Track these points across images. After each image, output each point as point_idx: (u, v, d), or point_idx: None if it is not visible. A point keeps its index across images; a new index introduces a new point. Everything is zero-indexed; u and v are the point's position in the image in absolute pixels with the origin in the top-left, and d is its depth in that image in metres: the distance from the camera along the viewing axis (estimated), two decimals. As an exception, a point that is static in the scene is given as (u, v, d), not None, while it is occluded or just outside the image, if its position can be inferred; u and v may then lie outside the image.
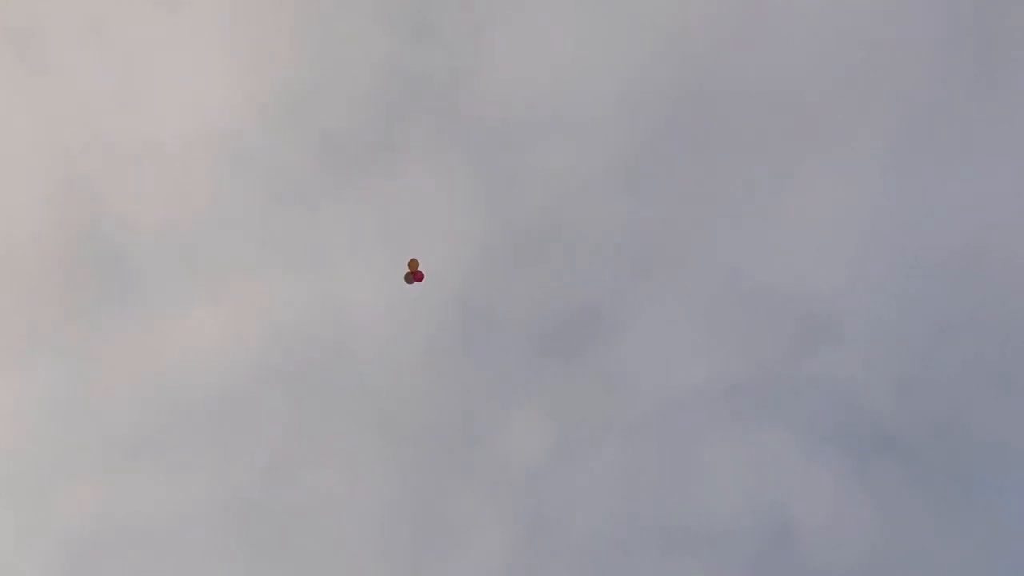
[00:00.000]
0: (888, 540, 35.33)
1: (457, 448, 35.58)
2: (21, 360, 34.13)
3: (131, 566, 33.59)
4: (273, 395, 34.90)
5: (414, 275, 31.31)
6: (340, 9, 35.34)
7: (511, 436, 35.69)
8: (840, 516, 35.81)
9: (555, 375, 36.10)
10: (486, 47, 36.14)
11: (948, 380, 36.33)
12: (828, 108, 37.21)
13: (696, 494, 35.94)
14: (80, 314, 34.45)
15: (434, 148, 35.97)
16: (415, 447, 35.39)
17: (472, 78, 36.00)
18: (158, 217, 34.87)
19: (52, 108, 34.48)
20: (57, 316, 34.37)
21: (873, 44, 37.19)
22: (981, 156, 36.98)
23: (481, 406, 35.74)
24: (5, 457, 33.59)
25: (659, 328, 36.45)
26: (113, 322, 34.62)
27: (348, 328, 35.58)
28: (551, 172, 36.28)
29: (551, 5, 36.03)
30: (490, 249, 36.20)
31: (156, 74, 34.85)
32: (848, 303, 37.03)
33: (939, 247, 36.85)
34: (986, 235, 36.69)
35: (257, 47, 35.14)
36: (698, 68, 36.37)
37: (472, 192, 36.03)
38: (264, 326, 35.14)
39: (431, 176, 35.98)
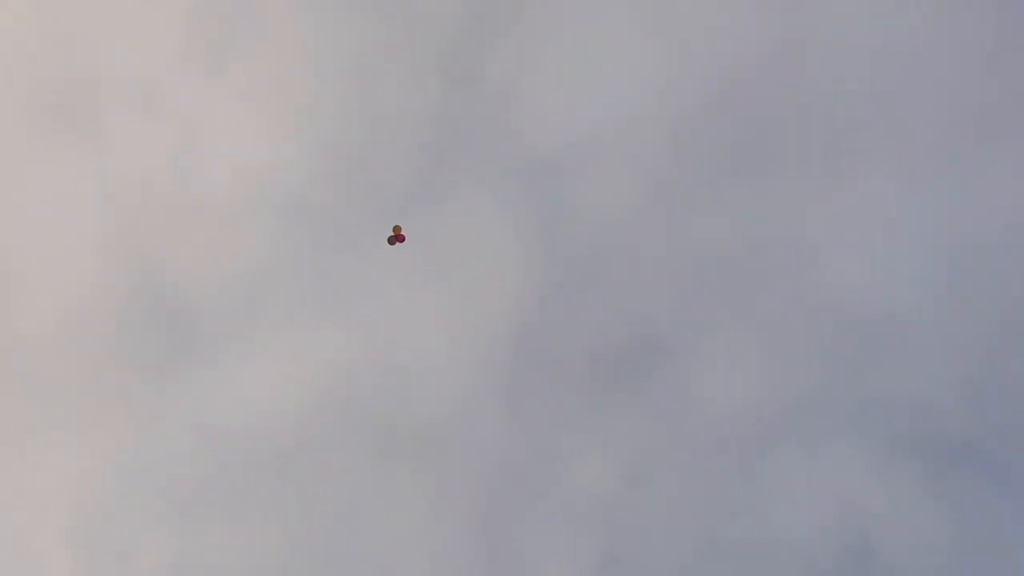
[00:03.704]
0: (968, 548, 34.40)
1: (523, 484, 35.44)
2: (89, 421, 34.77)
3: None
4: (336, 441, 35.14)
5: (397, 237, 32.39)
6: (380, 62, 36.34)
7: (577, 468, 35.50)
8: (919, 527, 34.98)
9: (617, 404, 35.97)
10: (525, 90, 36.87)
11: (1018, 382, 35.64)
12: (874, 120, 37.28)
13: (769, 515, 35.35)
14: (144, 373, 35.12)
15: (480, 190, 36.53)
16: (481, 486, 35.30)
17: (513, 120, 36.68)
18: (215, 274, 35.65)
19: (109, 176, 35.64)
20: (122, 376, 35.07)
21: (914, 54, 37.34)
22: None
23: (544, 440, 35.66)
24: (80, 516, 34.05)
25: (719, 350, 36.28)
26: (176, 379, 35.23)
27: (407, 371, 35.84)
28: (598, 204, 36.63)
29: (584, 43, 36.75)
30: (542, 284, 36.48)
31: (207, 137, 35.95)
32: (910, 312, 36.64)
33: (997, 251, 36.46)
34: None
35: (302, 104, 36.16)
36: (735, 91, 36.76)
37: (521, 230, 36.46)
38: (324, 374, 35.53)
39: (479, 218, 36.48)
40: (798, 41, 37.19)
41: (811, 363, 36.20)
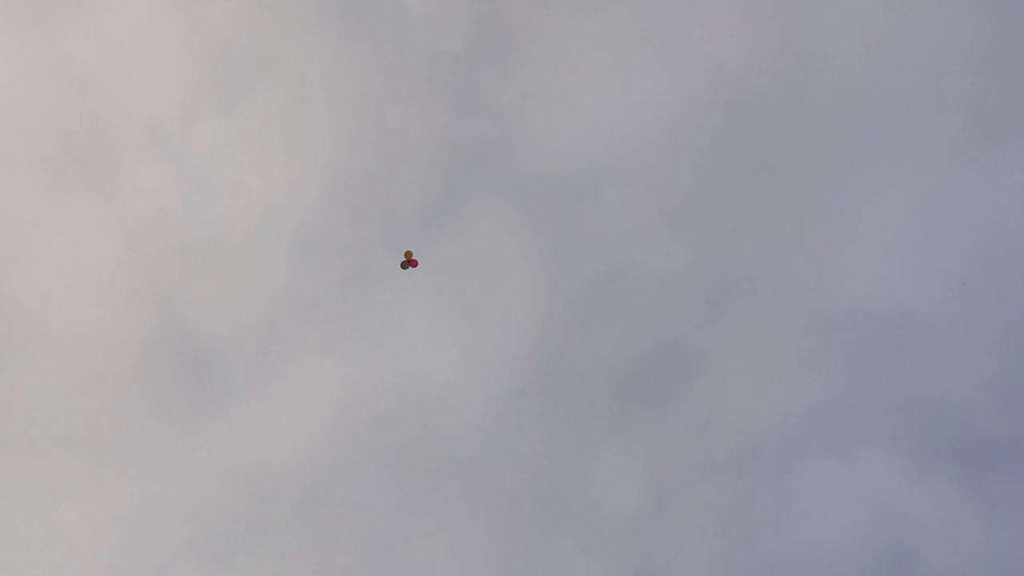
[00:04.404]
0: (1009, 549, 33.83)
1: (552, 504, 35.23)
2: (117, 465, 34.91)
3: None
4: (364, 470, 35.10)
5: (409, 262, 32.54)
6: (387, 92, 36.54)
7: (605, 487, 35.25)
8: (957, 530, 34.45)
9: (642, 421, 35.77)
10: (534, 112, 36.94)
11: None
12: (884, 124, 37.08)
13: (804, 526, 34.93)
14: (169, 413, 35.27)
15: (494, 214, 36.57)
16: (510, 508, 35.12)
17: (523, 142, 36.75)
18: (235, 311, 35.83)
19: (127, 221, 35.94)
20: (147, 418, 35.22)
21: (923, 55, 37.17)
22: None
23: (571, 460, 35.47)
24: (113, 561, 34.11)
25: (742, 363, 36.03)
26: (202, 418, 35.35)
27: (430, 397, 35.81)
28: (612, 223, 36.58)
29: (589, 64, 36.81)
30: (561, 305, 36.39)
31: (220, 177, 36.21)
32: (932, 315, 36.26)
33: (1016, 247, 36.07)
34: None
35: (311, 138, 36.40)
36: (743, 103, 36.68)
37: (536, 251, 36.45)
38: (348, 404, 35.56)
39: (494, 241, 36.51)
40: (804, 50, 37.11)
41: (836, 371, 35.87)
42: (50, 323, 35.58)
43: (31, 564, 33.64)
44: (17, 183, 35.50)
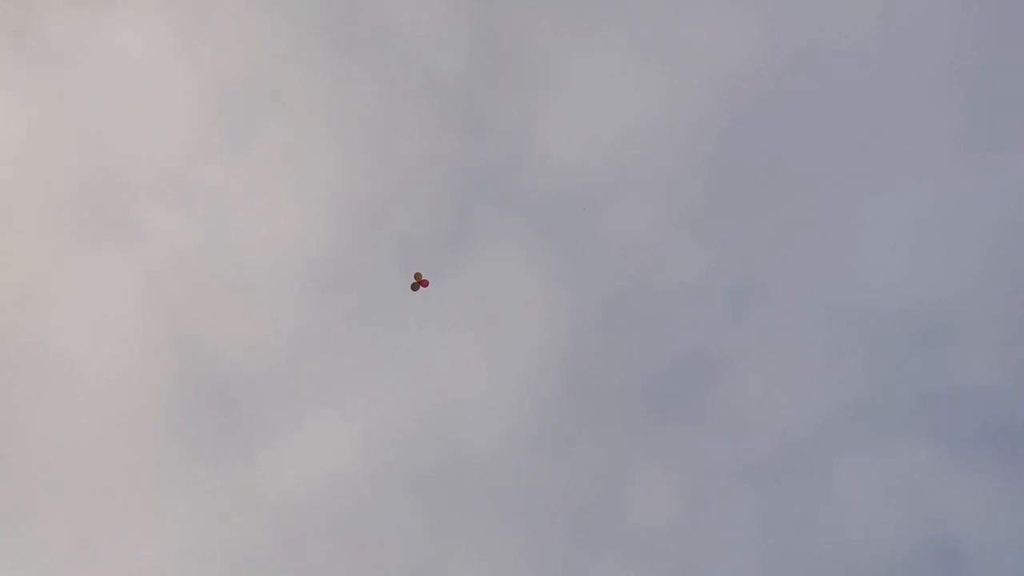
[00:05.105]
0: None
1: (591, 520, 34.99)
2: (153, 510, 35.19)
3: None
4: (398, 499, 35.10)
5: (420, 283, 32.56)
6: (393, 120, 36.74)
7: (639, 497, 34.96)
8: (1001, 520, 33.75)
9: (671, 430, 35.47)
10: (539, 129, 36.95)
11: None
12: (895, 117, 36.65)
13: (845, 525, 34.40)
14: (202, 453, 35.53)
15: (508, 233, 36.58)
16: (547, 526, 34.92)
17: (531, 160, 36.75)
18: (259, 348, 36.07)
19: (148, 267, 36.37)
20: (181, 461, 35.51)
21: (931, 53, 36.76)
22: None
23: (605, 474, 35.23)
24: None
25: (769, 364, 35.64)
26: (234, 456, 35.57)
27: (458, 420, 35.78)
28: (625, 234, 36.41)
29: (591, 76, 36.77)
30: (584, 319, 36.26)
31: (236, 216, 36.56)
32: (963, 305, 35.66)
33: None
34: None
35: (323, 171, 36.67)
36: (747, 105, 36.45)
37: (552, 268, 36.37)
38: (377, 434, 35.63)
39: (511, 260, 36.50)
40: (806, 49, 36.80)
41: (866, 366, 35.37)
42: (80, 374, 36.04)
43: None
44: (39, 238, 36.08)
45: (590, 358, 36.01)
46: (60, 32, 35.84)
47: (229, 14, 37.03)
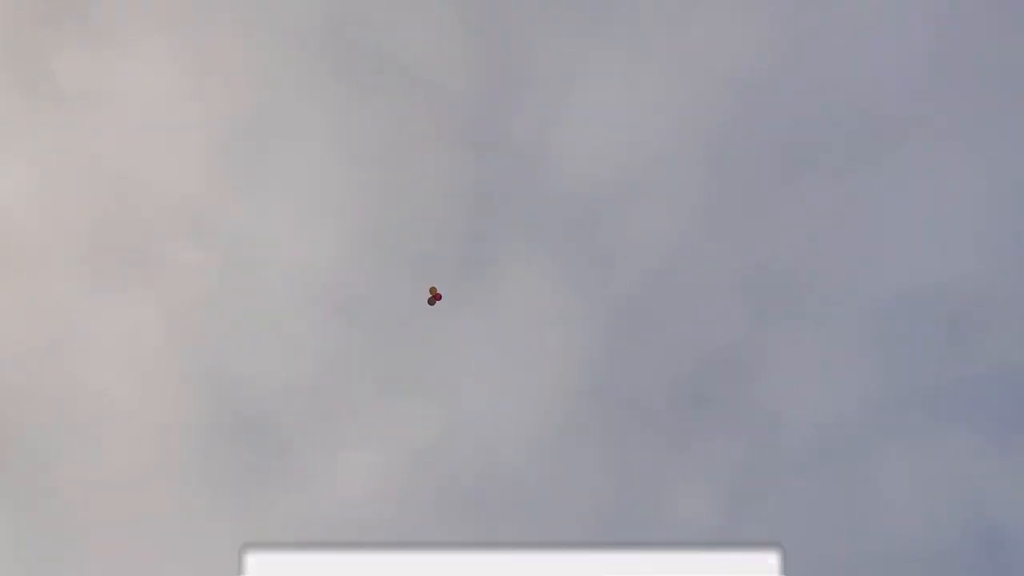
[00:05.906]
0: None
1: (630, 528, 34.37)
2: (191, 545, 34.89)
3: None
4: (431, 517, 34.65)
5: (435, 296, 32.32)
6: (404, 142, 36.81)
7: (681, 504, 34.37)
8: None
9: (705, 433, 34.92)
10: (549, 139, 36.93)
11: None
12: (907, 104, 36.40)
13: (891, 515, 33.65)
14: (235, 487, 35.25)
15: (527, 246, 36.43)
16: (584, 537, 34.31)
17: (545, 171, 36.68)
18: (287, 378, 35.92)
19: (170, 303, 36.40)
20: (214, 495, 35.23)
21: (941, 42, 36.58)
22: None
23: (641, 480, 34.68)
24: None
25: (800, 359, 35.14)
26: (266, 487, 35.27)
27: (491, 437, 35.40)
28: (644, 237, 36.18)
29: (598, 83, 36.78)
30: (608, 326, 35.93)
31: (256, 248, 36.62)
32: (989, 289, 35.14)
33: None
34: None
35: (337, 197, 36.74)
36: (758, 102, 36.31)
37: (573, 277, 36.14)
38: (408, 455, 35.29)
39: (529, 273, 36.30)
40: (817, 43, 36.71)
41: (898, 355, 34.82)
42: (108, 416, 35.95)
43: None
44: (62, 279, 36.20)
45: (618, 365, 35.65)
46: (72, 73, 36.23)
47: (237, 50, 37.38)
